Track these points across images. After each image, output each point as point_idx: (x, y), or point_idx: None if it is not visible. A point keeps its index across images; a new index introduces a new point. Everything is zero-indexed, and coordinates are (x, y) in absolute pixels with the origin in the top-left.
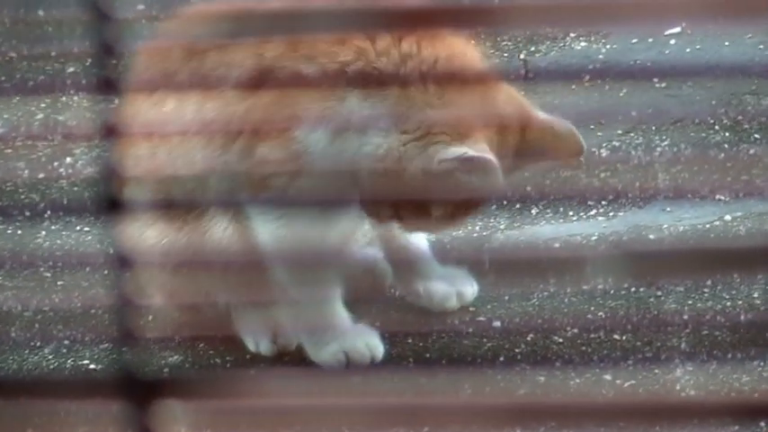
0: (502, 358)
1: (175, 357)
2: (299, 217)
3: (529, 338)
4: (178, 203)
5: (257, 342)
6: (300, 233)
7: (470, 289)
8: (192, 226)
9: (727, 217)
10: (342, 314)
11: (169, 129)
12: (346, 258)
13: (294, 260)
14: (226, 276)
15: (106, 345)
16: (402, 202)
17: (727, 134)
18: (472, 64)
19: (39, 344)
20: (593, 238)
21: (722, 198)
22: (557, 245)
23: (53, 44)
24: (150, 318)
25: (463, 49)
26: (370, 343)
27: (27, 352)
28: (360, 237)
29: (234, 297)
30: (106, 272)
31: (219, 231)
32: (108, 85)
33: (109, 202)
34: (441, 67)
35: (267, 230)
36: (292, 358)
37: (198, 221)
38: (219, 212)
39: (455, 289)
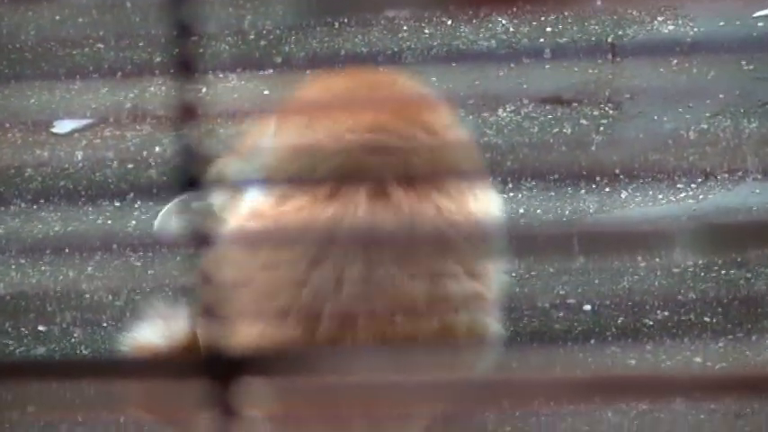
0: (593, 341)
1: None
2: None
3: (619, 321)
4: None
5: None
6: None
7: None
8: None
9: None
10: None
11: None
12: None
13: None
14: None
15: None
16: None
17: None
18: None
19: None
20: (683, 220)
21: None
22: (646, 227)
23: (136, 29)
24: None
25: None
26: None
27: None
28: None
29: None
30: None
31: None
32: (185, 67)
33: (189, 182)
34: None
35: None
36: None
37: None
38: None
39: None
